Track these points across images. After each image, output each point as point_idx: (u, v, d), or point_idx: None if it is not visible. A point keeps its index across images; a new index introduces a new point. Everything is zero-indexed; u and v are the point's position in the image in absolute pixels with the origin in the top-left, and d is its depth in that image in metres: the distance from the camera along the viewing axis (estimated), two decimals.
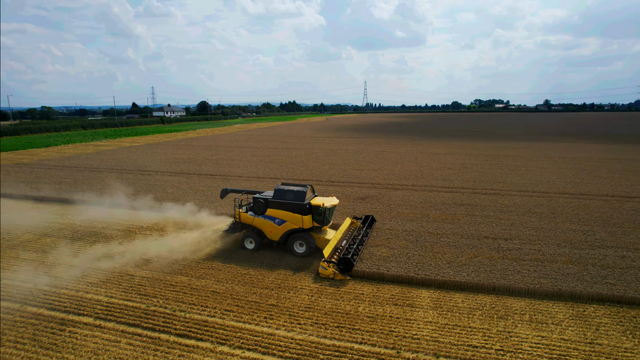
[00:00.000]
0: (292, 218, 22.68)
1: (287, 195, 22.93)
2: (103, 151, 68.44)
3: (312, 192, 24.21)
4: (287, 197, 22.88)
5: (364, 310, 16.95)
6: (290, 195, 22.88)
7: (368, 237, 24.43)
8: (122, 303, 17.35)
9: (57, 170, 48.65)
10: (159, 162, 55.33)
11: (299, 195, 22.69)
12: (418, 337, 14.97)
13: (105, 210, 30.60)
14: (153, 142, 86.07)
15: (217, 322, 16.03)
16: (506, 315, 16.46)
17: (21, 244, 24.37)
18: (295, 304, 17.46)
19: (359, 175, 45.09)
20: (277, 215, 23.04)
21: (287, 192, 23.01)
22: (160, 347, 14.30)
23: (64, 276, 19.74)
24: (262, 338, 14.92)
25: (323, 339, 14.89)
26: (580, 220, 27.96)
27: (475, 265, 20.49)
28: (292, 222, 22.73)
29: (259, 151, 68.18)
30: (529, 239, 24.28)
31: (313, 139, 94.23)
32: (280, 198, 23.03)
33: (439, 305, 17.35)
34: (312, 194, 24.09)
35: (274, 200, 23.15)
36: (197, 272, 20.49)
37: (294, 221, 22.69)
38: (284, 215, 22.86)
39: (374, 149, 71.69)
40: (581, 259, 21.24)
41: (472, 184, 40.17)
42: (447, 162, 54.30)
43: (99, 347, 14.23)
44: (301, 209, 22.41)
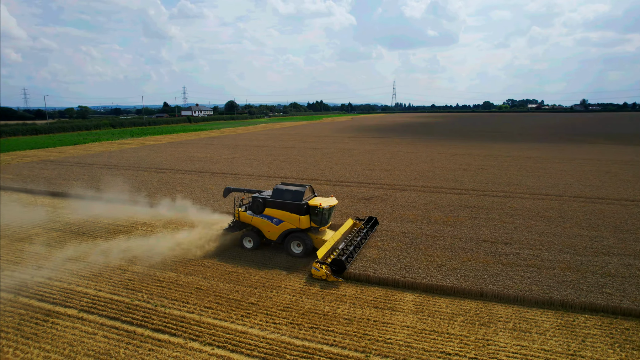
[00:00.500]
0: (290, 218, 22.61)
1: (285, 195, 22.87)
2: (126, 149, 70.74)
3: (312, 192, 24.07)
4: (285, 197, 22.82)
5: (343, 312, 16.76)
6: (288, 195, 22.81)
7: (367, 239, 24.01)
8: (108, 297, 17.85)
9: (78, 167, 50.66)
10: (175, 160, 56.65)
11: (297, 195, 22.59)
12: (391, 341, 14.67)
13: (113, 207, 31.57)
14: (175, 140, 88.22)
15: (194, 318, 16.23)
16: (489, 322, 15.89)
17: (29, 237, 25.49)
18: (275, 303, 17.47)
19: (369, 175, 44.65)
20: (275, 214, 23.03)
21: (285, 192, 22.95)
22: (133, 341, 14.62)
23: (61, 269, 20.51)
24: (234, 336, 15.00)
25: (294, 340, 14.82)
26: (590, 226, 26.64)
27: (466, 270, 19.88)
28: (290, 222, 22.66)
29: (275, 150, 68.67)
30: (529, 244, 23.34)
31: (332, 138, 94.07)
32: (279, 198, 23.00)
33: (421, 309, 16.94)
34: (312, 194, 23.95)
35: (272, 199, 23.14)
36: (187, 268, 20.82)
37: (291, 221, 22.61)
38: (282, 215, 22.83)
39: (391, 149, 70.84)
40: (581, 266, 20.24)
41: (483, 185, 39.01)
42: (464, 163, 52.97)
43: (76, 339, 14.69)
44: (298, 209, 22.32)
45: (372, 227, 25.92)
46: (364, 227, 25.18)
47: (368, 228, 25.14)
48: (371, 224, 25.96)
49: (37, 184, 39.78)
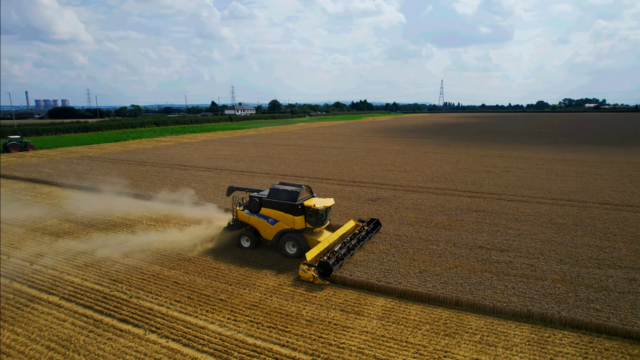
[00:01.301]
0: (284, 218, 22.45)
1: (281, 195, 22.77)
2: (160, 147, 73.99)
3: (309, 193, 23.82)
4: (281, 197, 22.71)
5: (307, 313, 16.60)
6: (283, 195, 22.69)
7: (364, 242, 23.27)
8: (90, 286, 18.79)
9: (109, 163, 53.69)
10: (202, 158, 58.51)
11: (292, 196, 22.41)
12: (344, 346, 14.35)
13: (126, 201, 33.16)
14: (211, 139, 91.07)
15: (161, 311, 16.73)
16: (455, 333, 15.13)
17: (43, 227, 27.36)
18: (243, 300, 17.62)
19: (385, 175, 43.82)
20: (271, 214, 22.96)
21: (281, 192, 22.87)
22: (96, 329, 15.31)
23: (59, 258, 21.86)
24: (192, 330, 15.30)
25: (248, 338, 14.88)
26: (605, 235, 24.60)
27: (448, 277, 19.02)
28: (285, 222, 22.48)
29: (301, 149, 69.07)
30: (528, 252, 21.93)
31: (363, 138, 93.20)
32: (274, 197, 22.92)
33: (388, 315, 16.43)
34: (309, 194, 23.68)
35: (268, 199, 23.11)
36: (172, 263, 21.45)
37: (286, 221, 22.43)
38: (277, 215, 22.72)
39: (419, 149, 69.09)
40: (577, 279, 18.74)
41: (502, 189, 37.09)
42: (490, 165, 50.65)
43: (46, 325, 15.61)
44: (293, 209, 22.10)
45: (375, 229, 25.29)
46: (365, 229, 24.42)
47: (368, 230, 24.47)
48: (373, 227, 25.30)
49: (67, 178, 42.60)
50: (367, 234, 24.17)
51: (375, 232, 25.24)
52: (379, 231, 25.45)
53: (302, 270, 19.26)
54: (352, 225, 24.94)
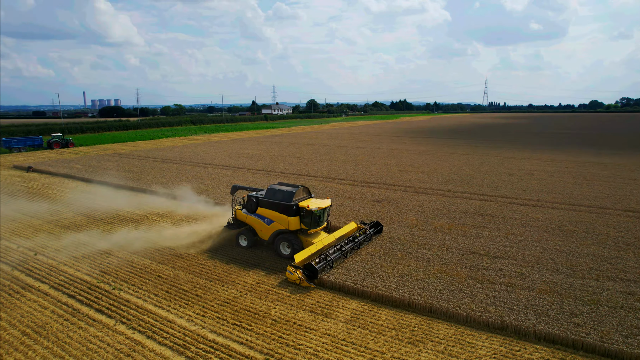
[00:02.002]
0: (279, 218, 22.35)
1: (277, 195, 22.69)
2: (189, 145, 76.45)
3: (307, 194, 23.61)
4: (277, 197, 22.62)
5: (276, 312, 16.64)
6: (279, 195, 22.60)
7: (361, 246, 22.67)
8: (80, 277, 19.79)
9: (136, 160, 56.15)
10: (225, 156, 59.87)
11: (287, 196, 22.26)
12: (301, 348, 14.26)
13: (139, 197, 34.55)
14: (241, 137, 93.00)
15: (137, 303, 17.34)
16: (421, 341, 14.63)
17: (58, 219, 29.07)
18: (218, 297, 17.91)
19: (400, 176, 42.95)
20: (267, 214, 22.93)
21: (277, 192, 22.79)
22: (72, 318, 16.11)
23: (62, 250, 23.15)
24: (159, 323, 15.77)
25: (210, 333, 15.14)
26: (616, 244, 22.86)
27: (429, 282, 18.40)
28: (280, 222, 22.37)
29: (325, 148, 69.02)
30: (523, 260, 20.78)
31: (392, 138, 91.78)
32: (271, 198, 22.87)
33: (356, 319, 16.14)
34: (306, 195, 23.47)
35: (265, 199, 23.08)
36: (163, 257, 22.14)
37: (281, 222, 22.32)
38: (272, 215, 22.66)
39: (446, 151, 67.14)
40: (567, 290, 17.55)
41: (518, 193, 35.33)
42: (514, 168, 48.39)
43: (29, 311, 16.62)
44: (288, 209, 21.92)
45: (376, 233, 24.70)
46: (365, 232, 23.77)
47: (367, 233, 23.71)
48: (375, 230, 24.66)
49: (93, 174, 45.00)
50: (367, 236, 23.61)
51: (377, 235, 24.59)
52: (375, 236, 24.73)
53: (289, 272, 19.14)
54: (352, 228, 24.43)
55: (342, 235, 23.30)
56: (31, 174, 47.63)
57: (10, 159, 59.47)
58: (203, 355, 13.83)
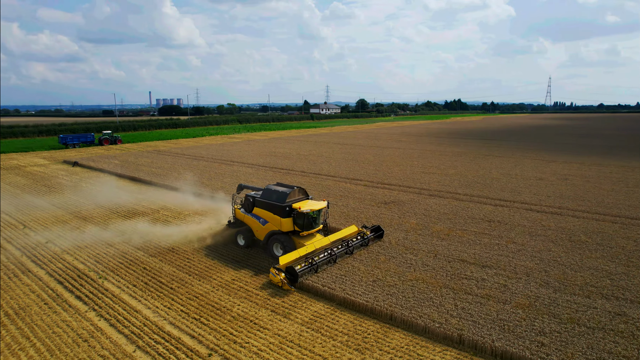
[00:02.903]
0: (273, 219, 22.30)
1: (272, 196, 22.67)
2: (227, 143, 79.08)
3: (303, 195, 23.42)
4: (271, 198, 22.58)
5: (238, 310, 16.90)
6: (274, 195, 22.59)
7: (354, 251, 22.05)
8: (76, 265, 21.27)
9: (171, 157, 59.05)
10: (255, 154, 61.28)
11: (280, 197, 22.21)
12: (247, 346, 14.41)
13: (158, 192, 36.35)
14: (280, 136, 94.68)
15: (115, 292, 18.36)
16: (369, 349, 14.23)
17: (78, 212, 31.37)
18: (190, 291, 18.50)
19: (420, 178, 41.67)
20: (262, 215, 22.96)
21: (273, 193, 22.79)
22: (52, 302, 17.40)
23: (70, 239, 24.95)
24: (126, 312, 16.60)
25: (168, 325, 15.70)
26: (628, 259, 20.73)
27: (400, 289, 17.78)
28: (273, 223, 22.29)
29: (357, 148, 68.48)
30: (513, 271, 19.45)
31: (431, 139, 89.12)
32: (266, 198, 22.87)
33: (314, 321, 15.99)
34: (303, 196, 23.23)
35: (260, 199, 23.11)
36: (156, 250, 23.16)
37: (274, 223, 22.24)
38: (267, 215, 22.65)
39: (482, 153, 64.13)
40: (547, 306, 16.21)
41: (540, 199, 32.99)
42: (548, 172, 45.22)
43: (18, 294, 18.14)
44: (281, 211, 21.79)
45: (378, 238, 24.02)
46: (363, 236, 23.11)
47: (365, 238, 23.02)
48: (375, 234, 23.94)
49: (127, 169, 47.99)
50: (364, 241, 22.90)
51: (377, 240, 23.86)
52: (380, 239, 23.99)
53: (272, 274, 18.99)
54: (351, 231, 23.61)
55: (338, 238, 22.59)
56: (75, 168, 51.71)
57: (64, 154, 64.95)
58: (152, 346, 14.39)
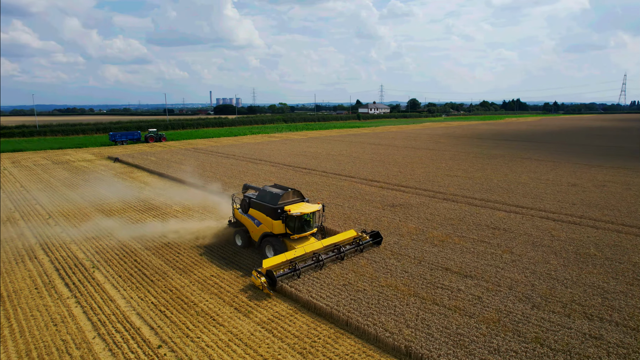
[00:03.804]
0: (265, 221, 22.14)
1: (265, 197, 22.60)
2: (264, 142, 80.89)
3: (298, 197, 23.00)
4: (265, 199, 22.50)
5: (204, 305, 17.38)
6: (267, 197, 22.50)
7: (345, 257, 21.31)
8: (77, 254, 22.93)
9: (203, 154, 61.50)
10: (284, 154, 62.17)
11: (273, 199, 22.06)
12: (197, 341, 14.81)
13: (178, 189, 38.08)
14: (317, 136, 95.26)
15: (100, 281, 19.60)
16: (313, 353, 14.09)
17: (101, 205, 33.67)
18: (167, 284, 19.29)
19: (438, 181, 40.18)
20: (256, 216, 22.92)
21: (267, 194, 22.73)
22: (42, 288, 18.92)
23: (83, 231, 26.89)
24: (102, 301, 17.70)
25: (134, 315, 16.51)
26: (632, 278, 18.70)
27: (367, 295, 17.38)
28: (266, 225, 22.10)
29: (390, 149, 67.27)
30: (496, 283, 18.28)
31: (472, 140, 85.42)
32: (261, 199, 22.82)
33: (271, 322, 16.09)
34: (297, 198, 22.84)
35: (255, 200, 23.10)
36: (153, 244, 24.32)
37: (267, 224, 22.03)
38: (260, 216, 22.57)
39: (519, 156, 60.45)
40: (517, 323, 15.09)
41: (563, 206, 30.52)
42: (585, 179, 41.69)
43: (17, 278, 19.90)
44: (273, 212, 21.52)
45: (377, 244, 23.16)
46: (359, 242, 22.39)
47: (360, 243, 22.30)
48: (373, 240, 23.08)
49: (159, 166, 50.72)
50: (359, 247, 22.18)
51: (375, 246, 23.07)
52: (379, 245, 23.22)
53: (253, 277, 18.87)
54: (348, 236, 22.79)
55: (332, 243, 21.79)
56: (115, 164, 55.49)
57: (111, 150, 69.92)
58: (111, 334, 15.21)
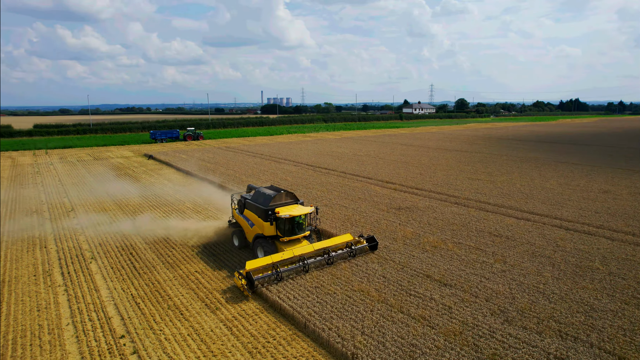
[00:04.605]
0: (257, 222, 21.98)
1: (259, 199, 22.44)
2: (296, 141, 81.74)
3: (292, 199, 22.67)
4: (258, 201, 22.33)
5: (178, 299, 17.94)
6: (260, 198, 22.32)
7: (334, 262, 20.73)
8: (82, 245, 24.50)
9: (232, 153, 63.17)
10: (311, 154, 62.47)
11: (265, 200, 21.87)
12: (159, 333, 15.32)
13: (196, 186, 39.50)
14: (355, 136, 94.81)
15: (93, 271, 20.84)
16: (261, 353, 14.16)
17: (121, 200, 35.62)
18: (152, 277, 20.13)
19: (456, 185, 38.63)
20: (250, 217, 22.82)
21: (260, 195, 22.60)
22: (40, 275, 20.38)
23: (94, 223, 28.51)
24: (87, 290, 18.80)
25: (110, 306, 17.38)
26: (631, 296, 17.03)
27: (335, 297, 17.18)
28: (258, 226, 21.91)
29: (420, 150, 65.59)
30: (474, 294, 17.36)
31: (510, 142, 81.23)
32: (254, 200, 22.66)
33: (234, 319, 16.35)
34: (291, 200, 22.53)
35: (249, 201, 23.01)
36: (154, 240, 25.22)
37: (259, 226, 21.86)
38: (253, 218, 22.44)
39: (556, 159, 56.71)
40: (477, 338, 14.26)
41: (584, 215, 28.27)
42: (622, 186, 38.42)
43: (23, 265, 21.58)
44: (264, 214, 21.28)
45: (373, 249, 22.42)
46: (350, 246, 21.78)
47: (353, 249, 21.66)
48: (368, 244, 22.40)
49: (186, 163, 52.79)
50: (351, 253, 21.52)
51: (371, 251, 22.35)
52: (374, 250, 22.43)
53: (235, 277, 19.02)
54: (342, 240, 22.17)
55: (324, 247, 21.20)
56: (149, 161, 58.46)
57: (149, 147, 73.76)
58: (83, 322, 16.09)
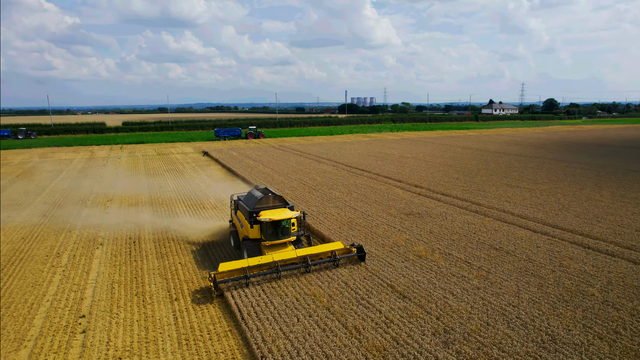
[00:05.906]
0: (245, 224, 21.62)
1: (247, 200, 22.12)
2: (350, 142, 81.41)
3: (280, 203, 22.04)
4: (246, 202, 21.97)
5: (150, 287, 18.97)
6: (249, 200, 21.96)
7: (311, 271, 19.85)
8: (99, 234, 26.59)
9: (280, 152, 64.85)
10: (357, 154, 61.53)
11: (251, 202, 21.46)
12: (114, 317, 16.30)
13: (224, 185, 41.25)
14: (414, 137, 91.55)
15: (94, 256, 22.80)
16: (188, 344, 14.43)
17: (158, 195, 38.08)
18: (139, 266, 21.47)
19: (490, 192, 35.46)
20: (240, 218, 22.58)
21: (250, 197, 22.31)
22: (52, 256, 22.65)
23: (122, 217, 30.55)
24: (79, 272, 20.70)
25: (89, 290, 18.81)
26: (613, 330, 14.34)
27: (285, 299, 16.90)
28: (245, 228, 21.48)
29: (475, 153, 61.61)
30: (426, 311, 15.90)
31: (582, 147, 72.75)
32: (244, 202, 22.40)
33: (185, 310, 16.97)
34: (279, 203, 21.95)
35: (240, 202, 22.83)
36: (160, 235, 26.50)
37: (246, 228, 21.44)
38: (242, 219, 22.19)
39: (623, 167, 49.57)
40: (404, 358, 13.05)
41: (614, 232, 24.54)
42: None
43: (42, 247, 24.12)
44: (249, 216, 20.83)
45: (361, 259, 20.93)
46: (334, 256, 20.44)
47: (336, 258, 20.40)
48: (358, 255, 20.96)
49: (233, 161, 55.42)
50: (336, 261, 20.34)
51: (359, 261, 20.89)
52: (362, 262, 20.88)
53: (207, 278, 19.21)
54: (330, 248, 20.99)
55: (308, 254, 20.24)
56: (204, 157, 62.07)
57: (210, 144, 78.56)
58: (58, 301, 17.62)
